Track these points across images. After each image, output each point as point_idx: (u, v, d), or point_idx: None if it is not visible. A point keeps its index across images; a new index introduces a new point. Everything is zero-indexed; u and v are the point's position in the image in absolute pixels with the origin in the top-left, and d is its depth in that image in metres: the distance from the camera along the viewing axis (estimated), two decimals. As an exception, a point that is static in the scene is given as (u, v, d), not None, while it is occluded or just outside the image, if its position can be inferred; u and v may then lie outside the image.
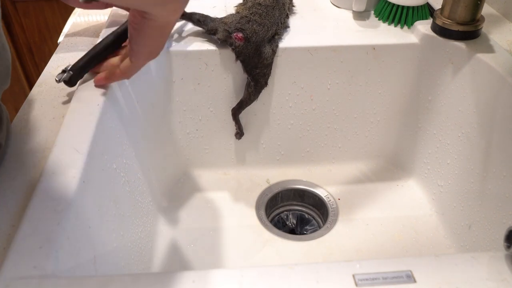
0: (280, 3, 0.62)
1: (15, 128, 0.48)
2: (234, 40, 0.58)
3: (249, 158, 0.72)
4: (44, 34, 1.31)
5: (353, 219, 0.64)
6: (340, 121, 0.69)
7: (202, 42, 0.62)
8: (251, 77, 0.60)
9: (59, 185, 0.39)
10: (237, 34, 0.57)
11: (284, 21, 0.63)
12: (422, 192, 0.68)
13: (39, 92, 0.53)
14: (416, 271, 0.32)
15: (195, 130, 0.68)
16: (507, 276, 0.32)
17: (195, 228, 0.63)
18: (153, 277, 0.32)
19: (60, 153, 0.42)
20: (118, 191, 0.49)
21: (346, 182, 0.70)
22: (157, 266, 0.58)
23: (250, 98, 0.62)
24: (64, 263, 0.34)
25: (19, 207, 0.39)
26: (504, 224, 0.52)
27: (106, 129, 0.47)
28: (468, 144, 0.59)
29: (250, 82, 0.61)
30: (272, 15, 0.60)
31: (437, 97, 0.63)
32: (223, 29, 0.58)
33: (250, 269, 0.32)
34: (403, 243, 0.61)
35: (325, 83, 0.65)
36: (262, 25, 0.58)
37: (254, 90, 0.61)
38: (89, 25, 0.66)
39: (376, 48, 0.62)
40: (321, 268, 0.32)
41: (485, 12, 0.61)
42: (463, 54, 0.58)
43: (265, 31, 0.58)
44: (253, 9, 0.59)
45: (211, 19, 0.61)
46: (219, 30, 0.59)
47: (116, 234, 0.47)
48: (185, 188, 0.69)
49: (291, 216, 0.69)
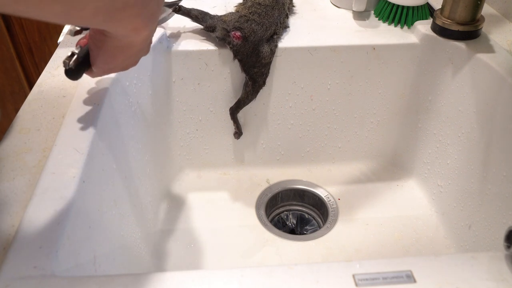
0: (279, 3, 0.62)
1: (15, 128, 0.48)
2: (232, 39, 0.58)
3: (249, 158, 0.72)
4: (44, 34, 1.31)
5: (353, 219, 0.64)
6: (340, 121, 0.69)
7: (202, 41, 0.62)
8: (249, 76, 0.60)
9: (59, 185, 0.39)
10: (235, 33, 0.57)
11: (284, 21, 0.63)
12: (422, 192, 0.68)
13: (39, 92, 0.53)
14: (416, 271, 0.32)
15: (195, 130, 0.68)
16: (507, 276, 0.32)
17: (195, 228, 0.63)
18: (153, 277, 0.32)
19: (60, 153, 0.42)
20: (118, 191, 0.49)
21: (346, 182, 0.70)
22: (157, 266, 0.57)
23: (248, 97, 0.62)
24: (64, 263, 0.34)
25: (19, 207, 0.39)
26: (504, 224, 0.52)
27: (106, 129, 0.47)
28: (468, 144, 0.59)
29: (248, 81, 0.61)
30: (271, 15, 0.60)
31: (437, 97, 0.63)
32: (222, 27, 0.58)
33: (250, 269, 0.32)
34: (403, 243, 0.61)
35: (325, 83, 0.65)
36: (260, 24, 0.58)
37: (252, 89, 0.61)
38: (89, 25, 0.66)
39: (376, 48, 0.62)
40: (321, 268, 0.32)
41: (485, 12, 0.61)
42: (463, 54, 0.58)
43: (263, 31, 0.58)
44: (252, 9, 0.59)
45: (210, 16, 0.61)
46: (218, 28, 0.59)
47: (116, 234, 0.47)
48: (185, 188, 0.69)
49: (291, 216, 0.69)
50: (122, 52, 0.38)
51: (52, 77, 0.55)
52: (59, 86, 0.53)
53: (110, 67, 0.40)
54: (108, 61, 0.39)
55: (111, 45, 0.37)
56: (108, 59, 0.38)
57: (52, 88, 0.53)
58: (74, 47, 0.42)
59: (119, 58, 0.39)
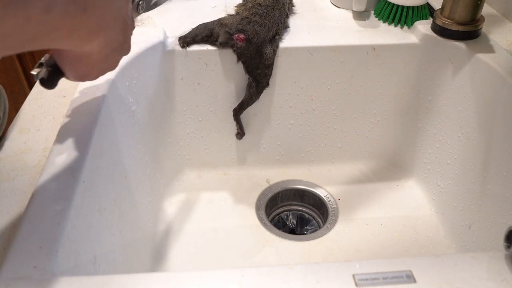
0: (280, 3, 0.62)
1: (15, 128, 0.48)
2: (236, 42, 0.58)
3: (249, 158, 0.72)
4: (44, 34, 1.31)
5: (353, 219, 0.64)
6: (340, 121, 0.69)
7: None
8: (253, 78, 0.60)
9: (59, 185, 0.39)
10: (238, 35, 0.57)
11: (284, 21, 0.63)
12: (422, 192, 0.68)
13: (39, 92, 0.53)
14: (416, 271, 0.32)
15: (195, 130, 0.68)
16: (507, 276, 0.32)
17: (195, 228, 0.63)
18: (153, 277, 0.32)
19: (60, 153, 0.42)
20: (118, 191, 0.49)
21: (346, 182, 0.70)
22: (157, 266, 0.58)
23: (251, 98, 0.62)
24: (64, 263, 0.34)
25: (19, 207, 0.39)
26: (504, 224, 0.52)
27: (106, 129, 0.47)
28: (468, 144, 0.59)
29: (252, 82, 0.61)
30: (273, 15, 0.60)
31: (437, 97, 0.63)
32: (224, 31, 0.58)
33: (250, 269, 0.32)
34: (403, 243, 0.61)
35: (325, 83, 0.65)
36: (263, 25, 0.58)
37: (255, 90, 0.61)
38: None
39: (376, 48, 0.62)
40: (321, 268, 0.32)
41: (485, 12, 0.61)
42: (463, 54, 0.58)
43: (266, 32, 0.58)
44: (253, 10, 0.59)
45: (206, 26, 0.60)
46: (220, 33, 0.59)
47: (116, 234, 0.47)
48: (185, 188, 0.69)
49: (291, 216, 0.69)
50: (82, 62, 0.36)
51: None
52: (59, 86, 0.53)
53: (80, 74, 0.39)
54: (75, 70, 0.38)
55: (67, 56, 0.36)
56: (73, 68, 0.37)
57: (52, 88, 0.53)
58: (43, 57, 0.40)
59: (81, 68, 0.37)
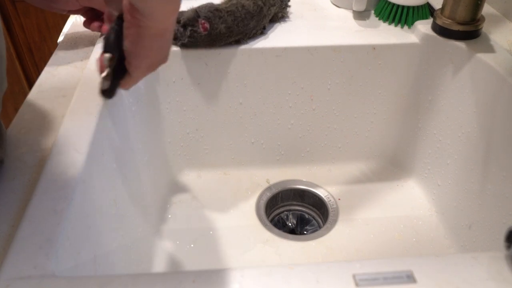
0: (262, 14, 0.60)
1: (15, 128, 0.48)
2: (199, 26, 0.53)
3: (249, 158, 0.72)
4: (44, 34, 1.31)
5: (353, 219, 0.64)
6: (340, 121, 0.69)
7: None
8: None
9: (59, 185, 0.39)
10: (204, 23, 0.53)
11: (256, 31, 0.61)
12: (422, 192, 0.68)
13: (39, 92, 0.53)
14: (416, 271, 0.32)
15: (195, 130, 0.68)
16: (507, 276, 0.32)
17: (195, 228, 0.63)
18: (153, 277, 0.32)
19: (60, 153, 0.42)
20: (118, 191, 0.49)
21: (346, 182, 0.70)
22: (157, 266, 0.57)
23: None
24: (64, 263, 0.34)
25: (19, 207, 0.39)
26: (504, 224, 0.52)
27: (106, 129, 0.47)
28: (468, 144, 0.59)
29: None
30: (246, 24, 0.57)
31: (437, 97, 0.63)
32: (193, 10, 0.55)
33: (250, 269, 0.32)
34: (403, 243, 0.61)
35: (325, 83, 0.65)
36: (229, 29, 0.56)
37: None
38: (89, 25, 0.66)
39: (376, 48, 0.62)
40: (321, 268, 0.32)
41: (485, 12, 0.61)
42: (463, 54, 0.58)
43: (227, 37, 0.56)
44: (232, 8, 0.56)
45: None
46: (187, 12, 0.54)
47: (116, 234, 0.47)
48: (185, 188, 0.69)
49: (291, 216, 0.69)
50: (157, 42, 0.39)
51: (52, 77, 0.55)
52: (59, 86, 0.53)
53: (149, 62, 0.41)
54: (147, 55, 0.40)
55: (147, 34, 0.38)
56: (147, 52, 0.39)
57: (52, 88, 0.53)
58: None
59: (156, 50, 0.40)
